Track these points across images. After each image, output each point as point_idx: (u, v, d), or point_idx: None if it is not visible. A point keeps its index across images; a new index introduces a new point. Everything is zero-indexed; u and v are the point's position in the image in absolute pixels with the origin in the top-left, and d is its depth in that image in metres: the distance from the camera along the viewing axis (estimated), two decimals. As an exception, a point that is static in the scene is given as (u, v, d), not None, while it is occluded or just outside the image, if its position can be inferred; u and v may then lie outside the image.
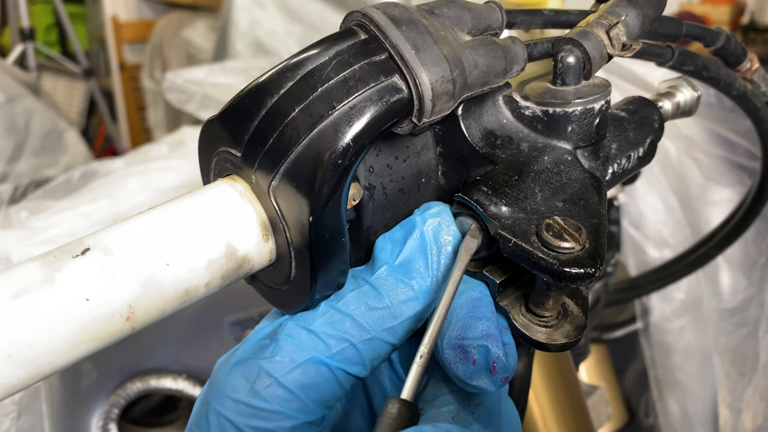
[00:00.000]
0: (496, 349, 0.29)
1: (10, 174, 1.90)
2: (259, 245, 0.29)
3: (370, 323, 0.29)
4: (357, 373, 0.29)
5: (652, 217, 0.91)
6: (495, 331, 0.29)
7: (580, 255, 0.27)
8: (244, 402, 0.28)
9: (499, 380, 0.29)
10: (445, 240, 0.30)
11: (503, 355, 0.29)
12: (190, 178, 0.94)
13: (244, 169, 0.29)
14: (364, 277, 0.30)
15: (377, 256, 0.31)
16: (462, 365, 0.29)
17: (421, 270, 0.30)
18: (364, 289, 0.30)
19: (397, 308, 0.29)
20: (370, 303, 0.29)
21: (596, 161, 0.34)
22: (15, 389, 0.23)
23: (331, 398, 0.29)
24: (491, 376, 0.29)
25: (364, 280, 0.30)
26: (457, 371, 0.29)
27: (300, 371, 0.28)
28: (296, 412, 0.28)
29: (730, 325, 0.87)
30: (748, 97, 0.47)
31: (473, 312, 0.30)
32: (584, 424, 0.57)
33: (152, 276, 0.26)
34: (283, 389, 0.28)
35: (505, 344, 0.30)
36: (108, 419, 0.78)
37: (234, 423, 0.28)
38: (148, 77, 2.58)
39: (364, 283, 0.30)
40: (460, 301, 0.30)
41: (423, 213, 0.31)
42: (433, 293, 0.30)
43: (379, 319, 0.29)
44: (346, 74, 0.27)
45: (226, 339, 0.82)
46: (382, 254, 0.31)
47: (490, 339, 0.29)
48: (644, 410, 1.06)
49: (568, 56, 0.32)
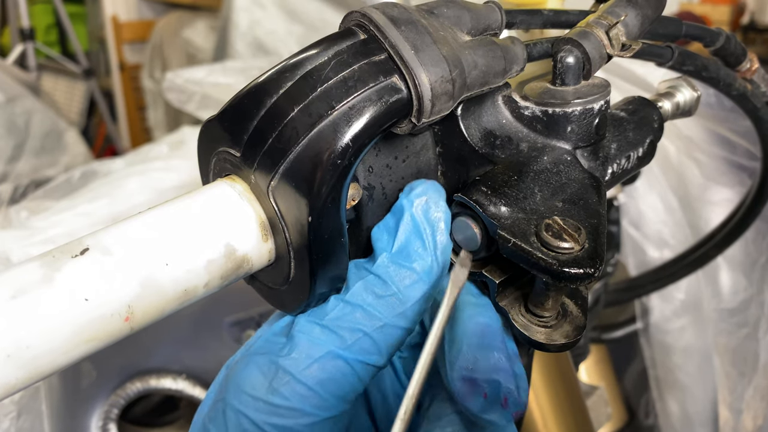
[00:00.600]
0: (507, 383, 0.28)
1: (10, 174, 1.89)
2: (259, 245, 0.29)
3: (381, 311, 0.29)
4: (375, 363, 0.29)
5: (652, 217, 0.91)
6: (506, 363, 0.29)
7: (579, 255, 0.27)
8: (262, 399, 0.28)
9: (510, 414, 0.29)
10: (435, 217, 0.30)
11: (515, 390, 0.29)
12: (190, 178, 0.94)
13: (243, 169, 0.29)
14: (366, 267, 0.30)
15: (375, 246, 0.31)
16: (472, 399, 0.29)
17: (419, 251, 0.30)
18: (369, 279, 0.30)
19: (404, 293, 0.29)
20: (377, 291, 0.29)
21: (596, 161, 0.34)
22: (14, 389, 0.23)
23: (351, 392, 0.29)
24: (502, 410, 0.29)
25: (367, 270, 0.30)
26: (467, 404, 0.29)
27: (317, 366, 0.28)
28: (316, 409, 0.28)
29: (730, 325, 0.87)
30: (748, 97, 0.47)
31: (483, 341, 0.29)
32: (584, 424, 0.57)
33: (151, 276, 0.26)
34: (301, 385, 0.28)
35: (516, 376, 0.29)
36: (108, 419, 0.78)
37: (253, 420, 0.28)
38: (148, 77, 2.58)
39: (368, 273, 0.30)
40: (469, 328, 0.30)
41: (408, 195, 0.31)
42: (435, 271, 0.30)
43: (388, 306, 0.29)
44: (346, 74, 0.27)
45: (226, 339, 0.82)
46: (379, 243, 0.31)
47: (501, 373, 0.29)
48: (644, 410, 1.06)
49: (568, 56, 0.32)
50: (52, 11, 2.83)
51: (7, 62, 2.39)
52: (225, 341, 0.82)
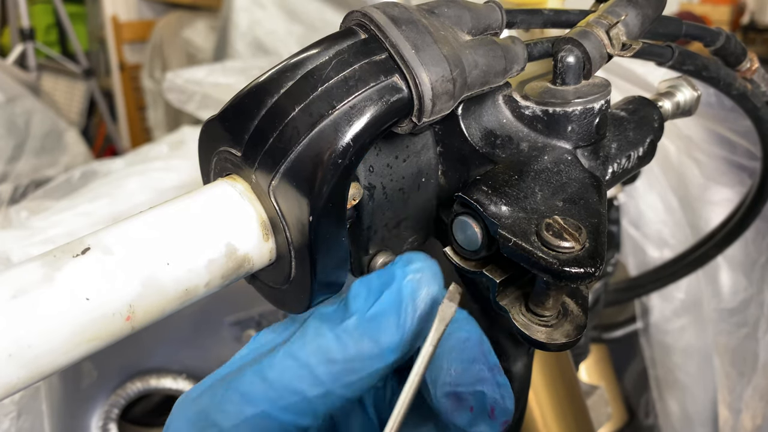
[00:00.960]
0: (492, 393, 0.28)
1: (10, 174, 1.90)
2: (259, 245, 0.29)
3: (328, 377, 0.27)
4: (308, 425, 0.28)
5: (652, 217, 0.91)
6: (488, 373, 0.28)
7: (580, 254, 0.27)
8: None
9: (498, 425, 0.28)
10: (422, 300, 0.28)
11: (501, 399, 0.28)
12: (190, 178, 0.94)
13: (244, 168, 0.29)
14: (331, 323, 0.28)
15: (350, 301, 0.29)
16: (459, 413, 0.28)
17: (391, 327, 0.27)
18: (328, 337, 0.28)
19: (358, 363, 0.27)
20: (331, 355, 0.27)
21: (596, 161, 0.34)
22: (15, 389, 0.23)
23: None
24: (490, 421, 0.28)
25: (330, 328, 0.28)
26: (455, 420, 0.28)
27: (247, 426, 0.27)
28: None
29: (730, 325, 0.87)
30: (748, 97, 0.47)
31: (463, 355, 0.28)
32: (584, 424, 0.57)
33: (152, 275, 0.26)
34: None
35: (500, 386, 0.28)
36: (108, 419, 0.78)
37: None
38: (148, 77, 2.58)
39: (329, 332, 0.28)
40: (448, 344, 0.29)
41: (405, 267, 0.28)
42: (398, 354, 0.28)
43: (338, 373, 0.27)
44: (346, 74, 0.27)
45: (226, 339, 0.82)
46: (355, 301, 0.28)
47: (485, 383, 0.28)
48: (644, 410, 1.06)
49: (568, 56, 0.32)
50: (52, 11, 2.83)
51: (7, 62, 2.39)
52: (225, 341, 0.82)
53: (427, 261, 0.29)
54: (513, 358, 0.39)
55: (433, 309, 0.28)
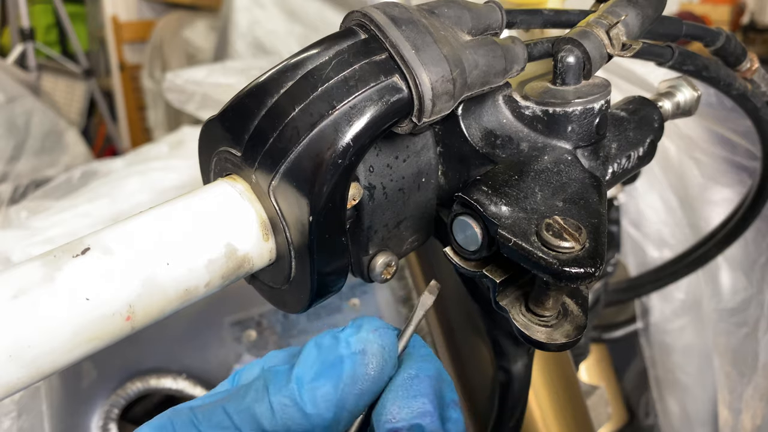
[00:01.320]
0: (432, 427, 0.27)
1: (10, 174, 1.90)
2: (259, 245, 0.29)
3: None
4: None
5: (652, 217, 0.91)
6: (431, 407, 0.27)
7: (580, 254, 0.27)
8: None
9: None
10: (367, 374, 0.28)
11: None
12: (190, 178, 0.94)
13: (244, 168, 0.29)
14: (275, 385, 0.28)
15: (300, 360, 0.28)
16: None
17: (328, 402, 0.27)
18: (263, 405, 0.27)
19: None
20: (261, 422, 0.27)
21: (596, 161, 0.34)
22: (15, 389, 0.23)
23: None
24: None
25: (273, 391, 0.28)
26: None
27: None
28: None
29: (730, 325, 0.87)
30: (748, 97, 0.47)
31: (409, 391, 0.28)
32: (584, 424, 0.57)
33: (152, 275, 0.26)
34: None
35: (446, 420, 0.28)
36: (108, 419, 0.78)
37: None
38: (148, 77, 2.58)
39: (266, 399, 0.27)
40: (396, 382, 0.28)
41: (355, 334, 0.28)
42: (331, 428, 0.28)
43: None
44: (347, 74, 0.27)
45: (226, 339, 0.82)
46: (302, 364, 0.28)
47: (425, 417, 0.27)
48: (644, 410, 1.06)
49: (568, 56, 0.32)
50: (52, 11, 2.83)
51: (7, 62, 2.39)
52: (225, 341, 0.82)
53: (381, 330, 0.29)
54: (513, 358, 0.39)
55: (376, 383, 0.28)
